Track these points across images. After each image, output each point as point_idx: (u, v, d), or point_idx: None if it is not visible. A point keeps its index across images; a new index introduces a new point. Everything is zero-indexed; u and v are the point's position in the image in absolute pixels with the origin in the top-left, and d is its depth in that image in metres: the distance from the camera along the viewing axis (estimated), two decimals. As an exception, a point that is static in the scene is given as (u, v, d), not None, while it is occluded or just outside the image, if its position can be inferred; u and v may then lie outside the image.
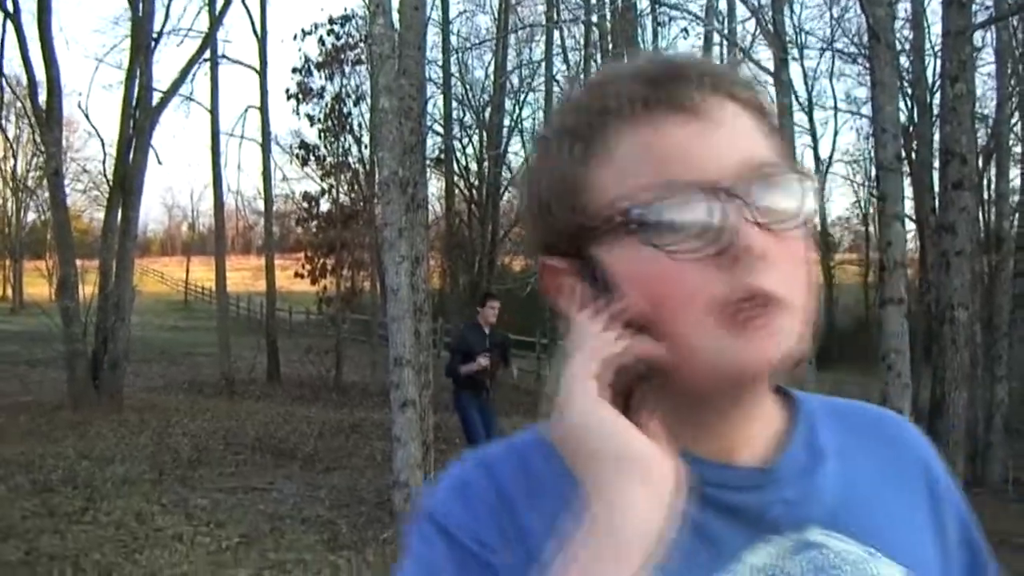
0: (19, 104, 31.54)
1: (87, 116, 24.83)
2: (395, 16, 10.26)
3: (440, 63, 26.13)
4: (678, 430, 0.95)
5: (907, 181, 18.26)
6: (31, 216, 53.78)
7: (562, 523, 0.92)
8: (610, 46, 16.95)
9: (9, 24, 18.53)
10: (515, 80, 29.37)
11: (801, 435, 1.04)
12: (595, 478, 0.86)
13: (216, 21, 22.91)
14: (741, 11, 17.72)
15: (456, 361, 10.89)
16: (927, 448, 1.12)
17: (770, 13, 12.94)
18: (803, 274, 0.93)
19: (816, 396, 1.11)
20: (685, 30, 18.78)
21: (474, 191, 29.48)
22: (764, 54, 27.28)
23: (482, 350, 10.64)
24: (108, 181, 20.46)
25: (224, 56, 26.09)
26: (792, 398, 1.07)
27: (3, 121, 30.18)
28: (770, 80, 12.57)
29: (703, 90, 0.91)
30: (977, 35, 15.74)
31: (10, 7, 17.99)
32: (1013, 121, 20.24)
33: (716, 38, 16.57)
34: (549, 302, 1.02)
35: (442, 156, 26.99)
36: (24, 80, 19.52)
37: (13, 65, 47.61)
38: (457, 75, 28.26)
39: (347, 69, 23.84)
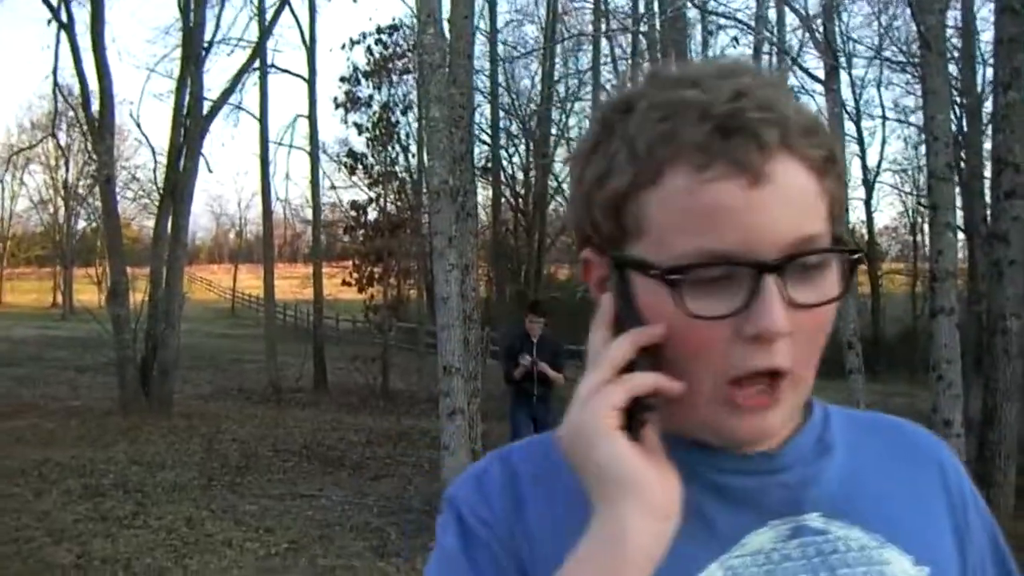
0: (71, 113, 31.91)
1: (138, 125, 25.13)
2: (445, 26, 10.29)
3: (487, 72, 26.16)
4: (686, 424, 0.98)
5: (956, 191, 18.10)
6: (81, 224, 54.32)
7: (563, 515, 0.99)
8: (659, 55, 16.89)
9: (63, 35, 18.76)
10: (562, 89, 29.42)
11: (811, 432, 1.05)
12: (601, 502, 0.89)
13: (266, 31, 23.11)
14: (791, 19, 17.63)
15: (506, 364, 10.94)
16: (945, 453, 1.13)
17: (820, 22, 12.85)
18: (819, 341, 0.95)
19: (836, 406, 1.13)
20: (735, 39, 18.71)
21: (520, 200, 29.51)
22: (812, 62, 27.20)
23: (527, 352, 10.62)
24: (158, 189, 20.67)
25: (273, 65, 26.29)
26: (808, 403, 1.08)
27: (55, 130, 30.38)
28: (820, 89, 12.50)
29: (768, 149, 0.88)
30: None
31: (64, 18, 18.21)
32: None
33: (766, 47, 16.46)
34: (586, 287, 1.05)
35: (489, 165, 27.01)
36: (77, 90, 19.75)
37: (66, 75, 48.24)
38: (504, 84, 28.33)
39: (395, 78, 23.89)
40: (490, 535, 1.00)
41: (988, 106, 17.81)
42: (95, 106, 18.05)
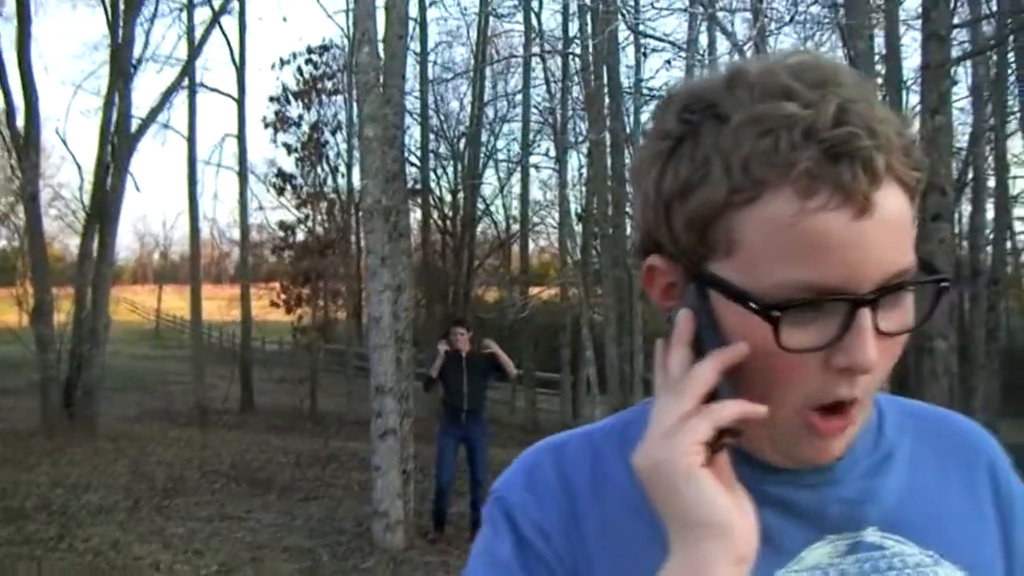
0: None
1: (64, 142, 24.71)
2: (379, 46, 10.29)
3: (417, 94, 26.16)
4: (755, 443, 0.97)
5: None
6: (2, 242, 53.39)
7: (621, 527, 0.98)
8: (592, 77, 17.01)
9: (-12, 49, 18.47)
10: (491, 112, 29.49)
11: (867, 436, 1.04)
12: (687, 543, 0.86)
13: (195, 49, 22.95)
14: (722, 44, 17.84)
15: (427, 379, 10.85)
16: (994, 450, 1.12)
17: (751, 45, 13.01)
18: (893, 361, 0.94)
19: (885, 396, 1.12)
20: (668, 62, 18.90)
21: (449, 222, 29.49)
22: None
23: (458, 374, 10.46)
24: (84, 207, 20.38)
25: (202, 84, 26.05)
26: None
27: (-23, 146, 29.86)
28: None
29: (874, 175, 0.84)
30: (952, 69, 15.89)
31: (-12, 32, 17.96)
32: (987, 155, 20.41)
33: (697, 70, 16.63)
34: (650, 296, 1.01)
35: (419, 186, 26.98)
36: (1, 104, 19.43)
37: (-11, 91, 47.38)
38: (433, 106, 28.34)
39: (324, 98, 23.86)
40: (546, 548, 0.99)
41: (913, 130, 18.14)
42: (20, 122, 17.79)
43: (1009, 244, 22.73)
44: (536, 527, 0.99)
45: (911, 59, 19.68)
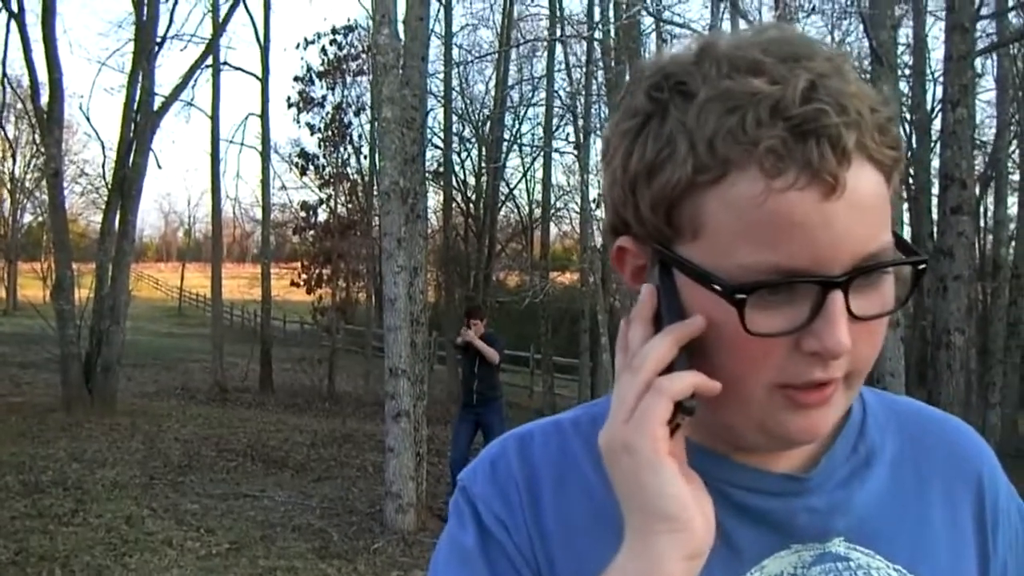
0: (19, 105, 31.53)
1: (88, 119, 24.83)
2: (399, 27, 10.28)
3: (441, 76, 26.09)
4: (718, 442, 0.97)
5: (905, 206, 18.31)
6: (27, 218, 53.67)
7: (581, 526, 0.98)
8: (612, 63, 16.94)
9: (13, 25, 18.53)
10: (515, 95, 29.41)
11: (846, 441, 1.02)
12: (644, 534, 0.85)
13: (219, 28, 22.93)
14: (744, 32, 17.67)
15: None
16: (987, 462, 1.09)
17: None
18: (875, 345, 0.90)
19: (876, 392, 1.09)
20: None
21: (471, 205, 29.42)
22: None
23: (472, 359, 10.85)
24: (107, 184, 20.45)
25: (226, 63, 26.05)
26: None
27: (3, 122, 30.03)
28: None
29: (843, 154, 0.82)
30: (977, 61, 15.79)
31: (15, 7, 17.99)
32: (1011, 148, 20.27)
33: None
34: (618, 277, 1.01)
35: (441, 169, 26.95)
36: (26, 81, 19.55)
37: (15, 66, 47.68)
38: (458, 89, 28.26)
39: (348, 79, 23.81)
40: (508, 540, 0.98)
41: (937, 123, 18.05)
42: (44, 98, 17.84)
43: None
44: (497, 519, 0.99)
45: (938, 51, 19.55)
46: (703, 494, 0.88)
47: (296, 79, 23.76)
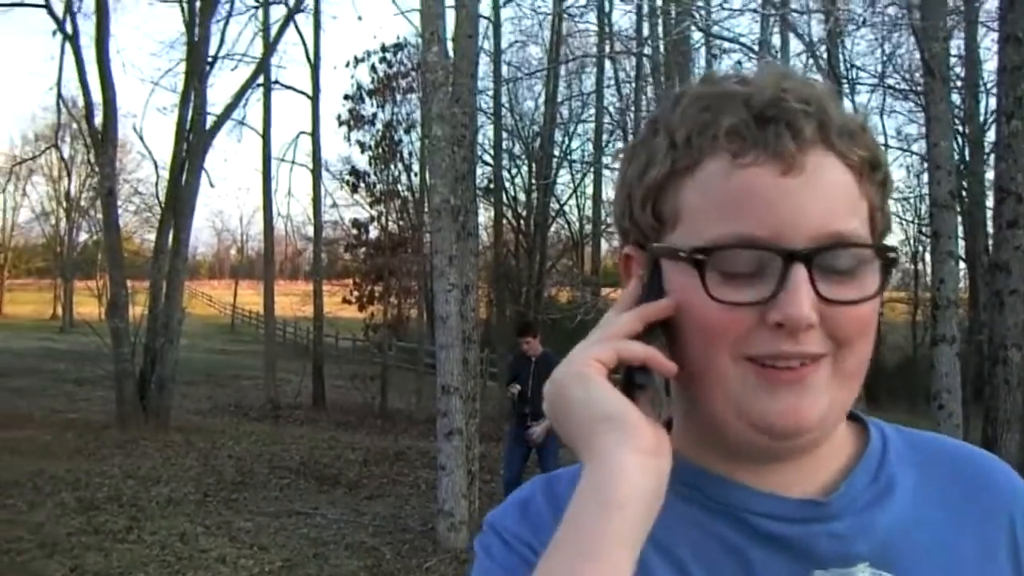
0: (75, 125, 31.91)
1: (141, 138, 25.04)
2: (449, 45, 10.30)
3: (491, 93, 26.13)
4: (717, 458, 0.98)
5: (958, 219, 18.11)
6: (82, 236, 54.36)
7: None
8: (663, 79, 16.90)
9: (68, 47, 18.80)
10: (565, 111, 29.44)
11: (867, 468, 1.01)
12: (588, 441, 0.88)
13: (270, 47, 23.14)
14: (795, 45, 17.68)
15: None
16: (1020, 495, 1.05)
17: (824, 48, 12.86)
18: (862, 344, 0.92)
19: (895, 427, 1.08)
20: (739, 63, 18.70)
21: (522, 221, 29.44)
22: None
23: (526, 377, 10.61)
24: (160, 203, 20.68)
25: (277, 82, 26.31)
26: (866, 427, 1.05)
27: (58, 142, 30.39)
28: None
29: (804, 139, 0.88)
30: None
31: (69, 30, 18.25)
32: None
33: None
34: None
35: (491, 185, 26.99)
36: (81, 102, 19.76)
37: (70, 87, 48.32)
38: (507, 105, 28.31)
39: (398, 97, 23.90)
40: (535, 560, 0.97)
41: (991, 135, 17.84)
42: (98, 118, 18.09)
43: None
44: (525, 544, 0.98)
45: (990, 62, 19.35)
46: (661, 431, 0.90)
47: (346, 97, 23.90)
